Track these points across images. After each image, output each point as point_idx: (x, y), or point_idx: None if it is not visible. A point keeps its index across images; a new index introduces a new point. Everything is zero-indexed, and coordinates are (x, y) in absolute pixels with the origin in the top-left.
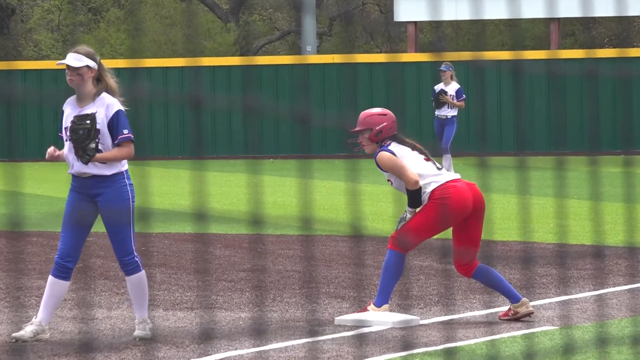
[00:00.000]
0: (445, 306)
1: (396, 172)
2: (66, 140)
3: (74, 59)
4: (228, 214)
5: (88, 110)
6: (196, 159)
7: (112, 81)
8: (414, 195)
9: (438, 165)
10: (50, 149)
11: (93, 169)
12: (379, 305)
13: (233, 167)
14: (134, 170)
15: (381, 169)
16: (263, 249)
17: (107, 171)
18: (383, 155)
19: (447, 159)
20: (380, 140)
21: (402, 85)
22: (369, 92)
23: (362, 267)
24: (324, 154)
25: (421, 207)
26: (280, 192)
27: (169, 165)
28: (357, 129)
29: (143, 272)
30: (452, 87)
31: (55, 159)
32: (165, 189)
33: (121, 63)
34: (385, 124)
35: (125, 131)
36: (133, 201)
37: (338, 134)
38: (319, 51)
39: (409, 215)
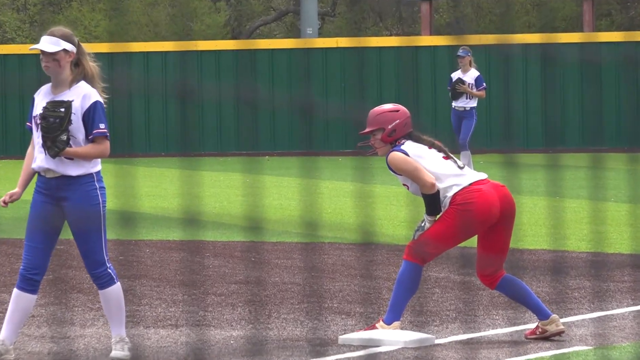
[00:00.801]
0: (465, 323)
1: (410, 175)
2: (36, 130)
3: (49, 43)
4: (218, 219)
5: (63, 97)
6: (182, 156)
7: (92, 65)
8: (431, 200)
9: (460, 164)
10: (5, 197)
11: (60, 168)
12: (389, 322)
13: (223, 166)
14: (110, 170)
15: (394, 172)
16: (258, 258)
17: (74, 171)
18: (394, 156)
19: (466, 156)
20: (394, 140)
21: (415, 73)
22: (378, 80)
23: (370, 279)
24: (327, 151)
25: (441, 213)
26: (277, 193)
27: (151, 164)
28: (367, 129)
29: (118, 284)
30: (470, 75)
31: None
32: (147, 190)
33: (96, 47)
34: (398, 121)
35: (102, 126)
36: (104, 206)
37: (343, 128)
38: (321, 34)
39: (427, 224)
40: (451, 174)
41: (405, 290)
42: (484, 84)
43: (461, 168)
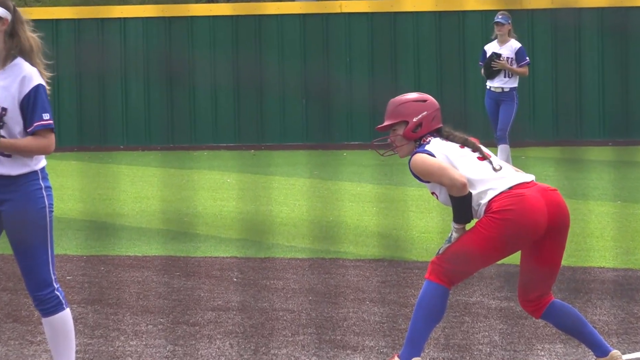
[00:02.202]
0: None
1: (436, 178)
2: None
3: None
4: (190, 228)
5: None
6: (144, 150)
7: (30, 36)
8: (461, 204)
9: (496, 165)
10: None
11: None
12: (407, 358)
13: (197, 162)
14: (54, 167)
15: (419, 179)
16: (241, 278)
17: (14, 170)
18: (418, 159)
19: (504, 150)
20: (419, 136)
21: (439, 44)
22: (392, 53)
23: (382, 304)
24: (328, 143)
25: (472, 222)
26: (265, 196)
27: (106, 159)
28: (386, 123)
29: (67, 310)
30: (509, 48)
31: None
32: (101, 192)
33: (37, 13)
34: (425, 113)
35: (46, 116)
36: (51, 211)
37: (349, 115)
38: None
39: (454, 234)
40: (487, 177)
41: (427, 318)
42: (527, 58)
43: (498, 170)
